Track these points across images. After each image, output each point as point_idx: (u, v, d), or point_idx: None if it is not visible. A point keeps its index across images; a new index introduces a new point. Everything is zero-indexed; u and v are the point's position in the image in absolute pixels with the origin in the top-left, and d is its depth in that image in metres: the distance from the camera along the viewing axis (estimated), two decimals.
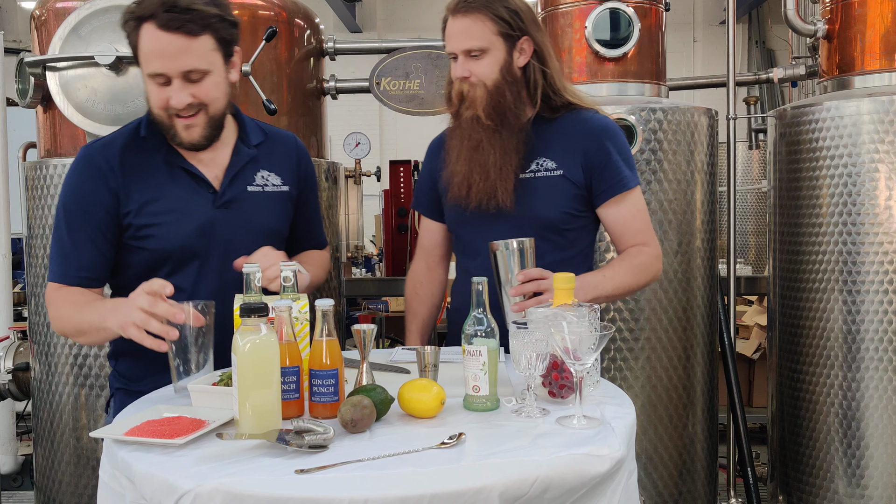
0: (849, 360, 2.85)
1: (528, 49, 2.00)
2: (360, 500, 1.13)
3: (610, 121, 2.10)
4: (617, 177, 2.03)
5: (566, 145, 2.03)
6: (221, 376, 1.60)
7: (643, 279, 2.04)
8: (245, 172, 1.91)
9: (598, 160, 2.02)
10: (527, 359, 1.46)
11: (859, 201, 2.80)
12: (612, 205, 2.04)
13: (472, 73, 1.98)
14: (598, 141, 2.03)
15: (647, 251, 2.04)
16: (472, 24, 1.96)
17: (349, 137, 6.61)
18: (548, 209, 2.02)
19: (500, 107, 1.98)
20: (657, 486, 3.04)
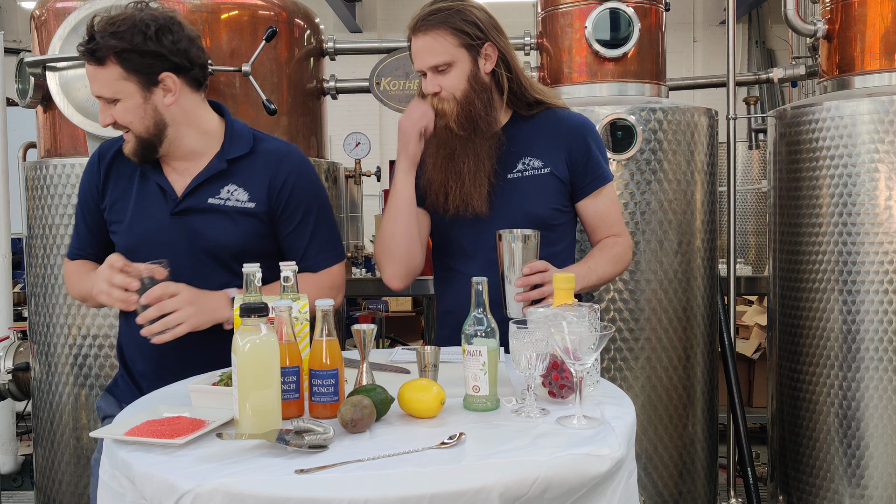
0: (848, 360, 2.85)
1: (493, 54, 2.06)
2: (360, 500, 1.13)
3: (585, 118, 2.18)
4: (598, 171, 2.13)
5: (550, 144, 2.11)
6: (221, 376, 1.61)
7: (620, 268, 2.15)
8: (211, 184, 1.96)
9: (580, 156, 2.11)
10: (527, 359, 1.46)
11: (859, 201, 2.80)
12: (592, 198, 2.13)
13: (442, 86, 2.03)
14: (580, 138, 2.11)
15: (622, 241, 2.16)
16: (433, 41, 2.02)
17: (349, 137, 6.61)
18: (537, 206, 2.08)
19: (470, 116, 2.03)
20: (657, 486, 3.04)
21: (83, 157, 2.79)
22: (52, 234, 2.84)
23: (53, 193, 2.83)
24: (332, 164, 3.18)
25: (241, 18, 2.80)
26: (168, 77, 1.88)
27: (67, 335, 2.83)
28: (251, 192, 1.96)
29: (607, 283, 2.23)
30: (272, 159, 2.01)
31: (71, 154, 2.85)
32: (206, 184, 1.95)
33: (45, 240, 2.86)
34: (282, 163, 2.01)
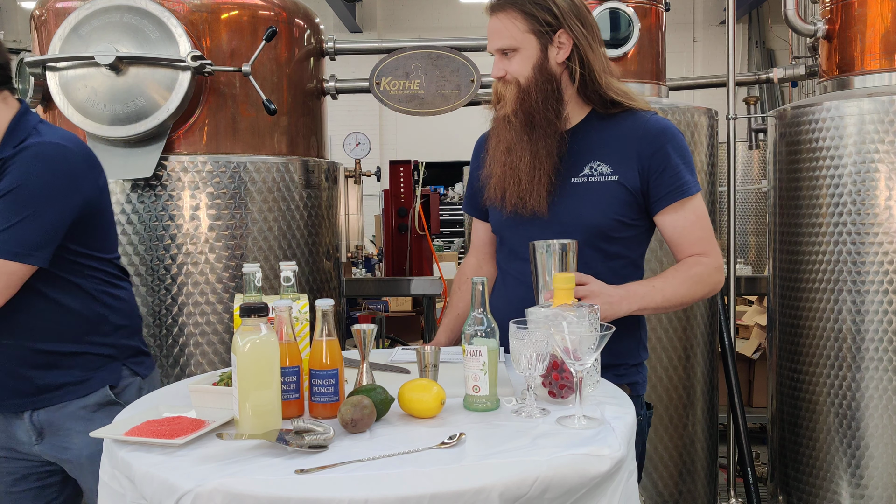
0: (849, 360, 2.85)
1: (567, 44, 1.92)
2: (360, 500, 1.13)
3: (669, 123, 1.99)
4: (677, 182, 1.92)
5: (622, 149, 1.94)
6: (221, 376, 1.61)
7: (699, 291, 1.92)
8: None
9: (656, 164, 1.92)
10: (527, 359, 1.46)
11: (859, 201, 2.81)
12: (670, 211, 1.93)
13: (507, 71, 1.94)
14: (657, 144, 1.93)
15: (706, 262, 1.93)
16: (501, 22, 1.92)
17: (349, 137, 6.62)
18: (599, 216, 1.93)
19: (526, 106, 1.92)
20: (657, 486, 3.04)
21: None
22: None
23: None
24: (332, 164, 3.18)
25: (241, 18, 2.80)
26: None
27: None
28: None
29: (685, 305, 1.99)
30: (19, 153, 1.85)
31: None
32: None
33: None
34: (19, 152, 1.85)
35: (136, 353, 2.05)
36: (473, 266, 2.25)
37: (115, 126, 2.61)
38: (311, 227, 2.97)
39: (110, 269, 2.00)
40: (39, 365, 1.89)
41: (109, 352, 1.99)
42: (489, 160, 2.01)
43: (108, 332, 1.98)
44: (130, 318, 2.04)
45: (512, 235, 2.03)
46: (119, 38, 2.60)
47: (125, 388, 1.98)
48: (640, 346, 2.03)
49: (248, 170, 2.77)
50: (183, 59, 2.59)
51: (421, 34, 9.72)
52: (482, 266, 2.24)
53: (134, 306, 2.07)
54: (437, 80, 3.17)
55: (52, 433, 1.93)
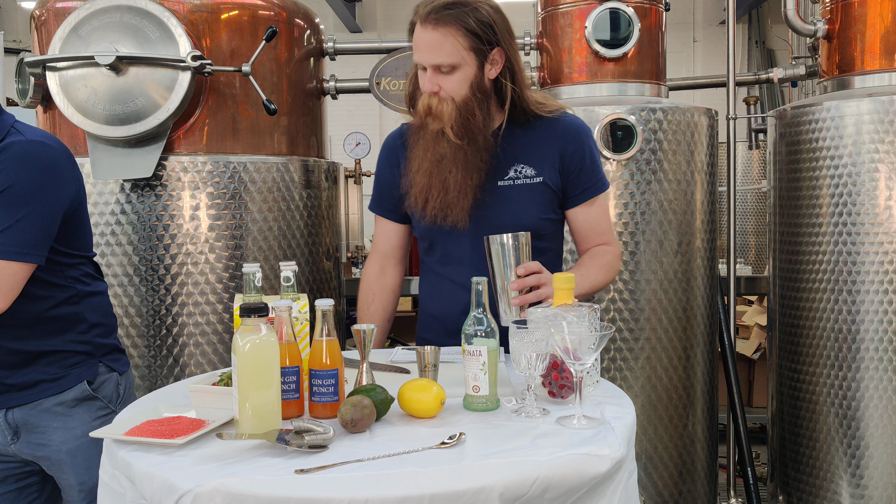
0: (849, 360, 2.85)
1: (500, 60, 1.93)
2: (360, 500, 1.13)
3: (582, 121, 2.07)
4: (593, 179, 2.04)
5: (543, 150, 2.00)
6: (221, 376, 1.61)
7: (611, 277, 2.06)
8: None
9: (575, 162, 2.01)
10: (527, 359, 1.46)
11: (859, 201, 2.81)
12: (584, 206, 2.04)
13: (442, 87, 1.91)
14: (577, 142, 2.01)
15: (612, 250, 2.07)
16: (442, 38, 1.87)
17: (349, 137, 6.61)
18: (526, 216, 1.99)
19: (468, 124, 1.91)
20: (657, 486, 3.04)
21: (83, 156, 2.78)
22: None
23: None
24: (332, 164, 3.18)
25: (241, 18, 2.80)
26: None
27: None
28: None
29: (598, 291, 2.14)
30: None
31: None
32: None
33: None
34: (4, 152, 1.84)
35: (112, 350, 2.04)
36: (376, 273, 2.22)
37: (115, 126, 2.61)
38: (311, 227, 2.97)
39: (87, 267, 2.00)
40: (14, 364, 1.88)
41: (86, 349, 1.98)
42: (413, 168, 2.00)
43: (84, 330, 1.97)
44: (106, 317, 2.03)
45: (445, 240, 2.04)
46: (119, 38, 2.60)
47: (103, 384, 1.97)
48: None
49: (248, 170, 2.77)
50: (183, 59, 2.59)
51: None
52: (385, 272, 2.22)
53: (109, 305, 2.06)
54: None
55: (29, 431, 1.91)
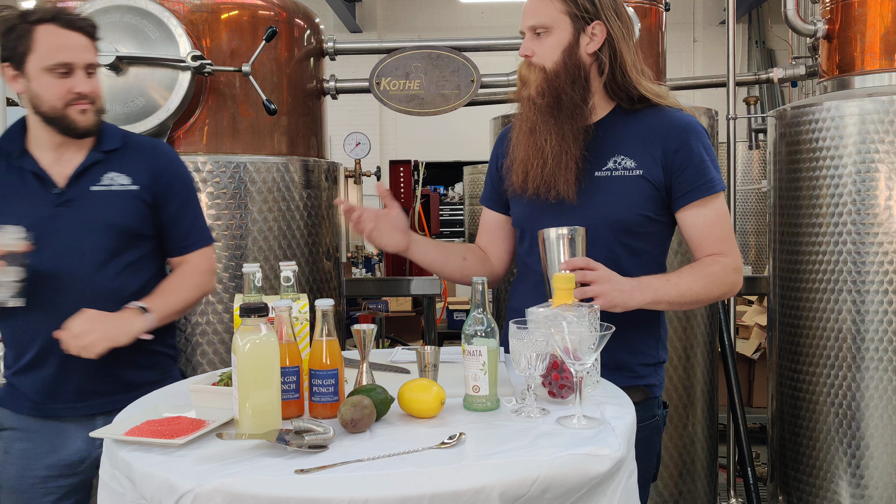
0: (849, 360, 2.85)
1: (601, 35, 1.88)
2: (360, 500, 1.13)
3: (695, 119, 1.95)
4: (703, 178, 1.89)
5: (647, 143, 1.90)
6: (221, 376, 1.61)
7: (715, 290, 1.87)
8: (92, 173, 2.00)
9: (681, 159, 1.89)
10: (527, 359, 1.46)
11: (859, 201, 2.80)
12: (693, 208, 1.89)
13: (534, 52, 1.89)
14: (683, 139, 1.89)
15: (724, 261, 1.88)
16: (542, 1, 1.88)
17: (349, 137, 6.62)
18: (623, 210, 1.89)
19: (553, 87, 1.87)
20: (657, 486, 3.04)
21: None
22: None
23: None
24: (332, 164, 3.18)
25: (241, 18, 2.80)
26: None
27: None
28: (133, 177, 2.03)
29: (700, 304, 1.93)
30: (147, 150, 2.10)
31: None
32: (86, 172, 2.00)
33: None
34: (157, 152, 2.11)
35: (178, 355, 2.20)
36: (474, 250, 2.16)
37: None
38: (311, 227, 2.97)
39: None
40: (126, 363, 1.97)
41: (173, 353, 2.15)
42: (513, 145, 1.95)
43: (173, 333, 2.17)
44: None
45: (533, 227, 1.93)
46: (119, 38, 2.60)
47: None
48: (658, 344, 1.98)
49: (248, 170, 2.77)
50: (183, 59, 2.59)
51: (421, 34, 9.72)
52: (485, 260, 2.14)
53: None
54: (437, 80, 3.17)
55: None
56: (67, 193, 1.98)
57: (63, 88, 1.91)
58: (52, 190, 1.97)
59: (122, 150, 2.05)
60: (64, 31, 1.91)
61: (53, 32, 1.90)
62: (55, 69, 1.90)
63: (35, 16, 1.90)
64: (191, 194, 2.14)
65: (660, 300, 1.79)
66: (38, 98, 1.94)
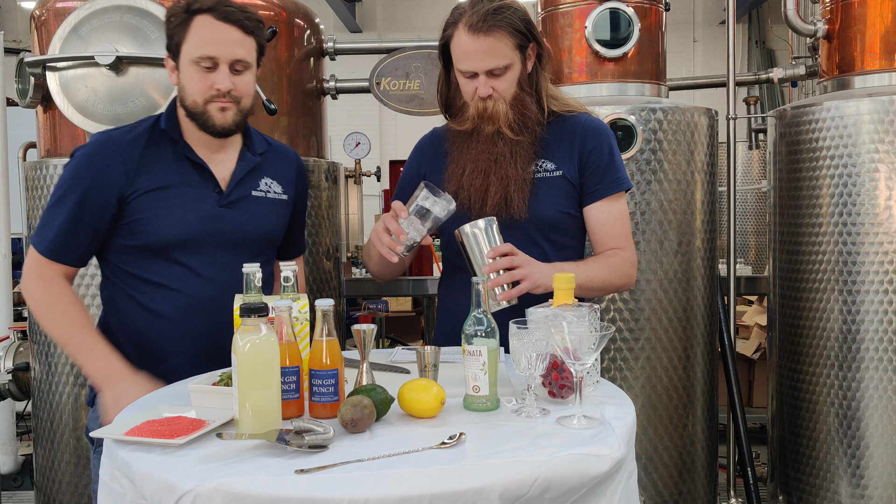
0: (849, 360, 2.85)
1: (533, 55, 2.01)
2: (360, 500, 1.13)
3: (602, 122, 2.11)
4: (614, 176, 2.04)
5: (563, 145, 2.05)
6: (221, 376, 1.61)
7: (617, 280, 2.03)
8: (250, 177, 2.00)
9: (596, 158, 2.03)
10: (527, 359, 1.46)
11: (859, 201, 2.81)
12: (601, 204, 2.05)
13: (496, 89, 1.96)
14: (598, 140, 2.04)
15: (623, 254, 2.05)
16: (495, 42, 1.92)
17: (349, 137, 6.62)
18: (548, 209, 2.03)
19: (523, 117, 1.99)
20: (657, 486, 3.04)
21: None
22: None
23: None
24: (332, 164, 3.18)
25: None
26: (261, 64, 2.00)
27: None
28: (283, 185, 2.06)
29: (603, 292, 2.10)
30: (290, 157, 2.13)
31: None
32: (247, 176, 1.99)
33: None
34: (298, 161, 2.15)
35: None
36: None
37: (115, 126, 2.61)
38: (312, 227, 2.97)
39: None
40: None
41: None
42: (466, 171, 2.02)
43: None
44: None
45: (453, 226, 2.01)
46: (119, 38, 2.60)
47: None
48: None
49: None
50: None
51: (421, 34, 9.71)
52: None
53: None
54: (436, 80, 3.17)
55: None
56: (232, 195, 1.95)
57: (205, 83, 1.85)
58: (215, 188, 1.94)
59: (270, 154, 2.06)
60: (218, 24, 1.83)
61: (208, 24, 1.83)
62: (200, 62, 1.84)
63: (195, 5, 1.84)
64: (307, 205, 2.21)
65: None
66: (184, 91, 1.89)
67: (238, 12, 1.86)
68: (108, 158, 1.89)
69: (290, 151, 2.15)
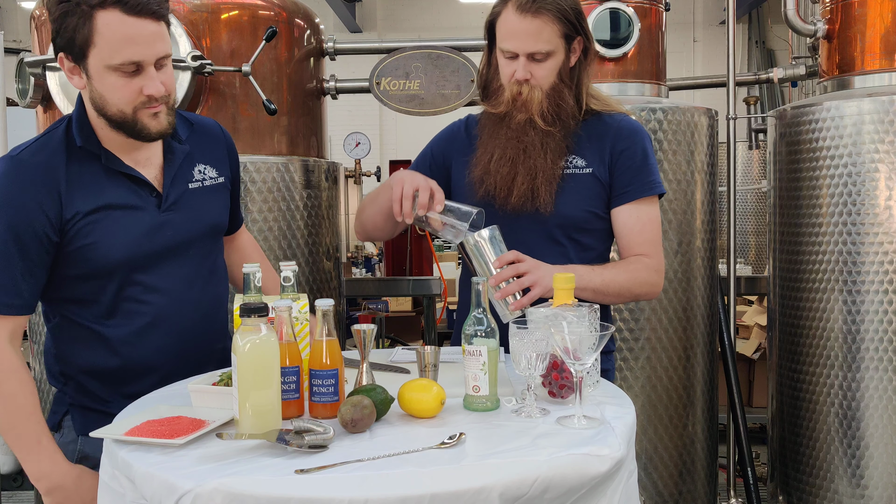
0: (849, 360, 2.85)
1: (579, 49, 1.95)
2: (360, 500, 1.13)
3: (639, 124, 2.04)
4: (645, 179, 1.97)
5: (596, 143, 1.98)
6: (221, 376, 1.61)
7: (637, 287, 1.95)
8: (183, 170, 1.81)
9: (627, 158, 1.97)
10: (527, 359, 1.46)
11: (859, 201, 2.80)
12: (630, 207, 1.97)
13: (533, 75, 1.91)
14: (631, 140, 1.98)
15: (647, 262, 1.97)
16: (541, 25, 1.87)
17: (349, 137, 6.62)
18: (574, 207, 1.96)
19: (558, 109, 1.93)
20: (657, 486, 3.04)
21: None
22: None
23: None
24: (332, 164, 3.18)
25: (241, 18, 2.80)
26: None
27: None
28: (217, 168, 1.89)
29: (622, 299, 2.00)
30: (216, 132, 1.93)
31: None
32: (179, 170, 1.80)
33: None
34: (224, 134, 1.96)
35: None
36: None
37: None
38: (311, 227, 2.97)
39: None
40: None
41: None
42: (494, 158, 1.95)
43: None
44: None
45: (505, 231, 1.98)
46: None
47: None
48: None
49: (249, 170, 2.77)
50: (183, 59, 2.59)
51: (421, 34, 9.72)
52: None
53: None
54: (437, 80, 3.17)
55: None
56: (170, 197, 1.77)
57: (131, 90, 1.62)
58: (152, 193, 1.75)
59: (194, 136, 1.86)
60: (131, 20, 1.57)
61: (119, 21, 1.57)
62: (121, 68, 1.60)
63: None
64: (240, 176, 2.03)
65: (585, 287, 1.86)
66: (103, 100, 1.64)
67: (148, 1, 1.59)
68: (26, 185, 1.65)
69: (212, 125, 1.94)
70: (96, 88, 1.64)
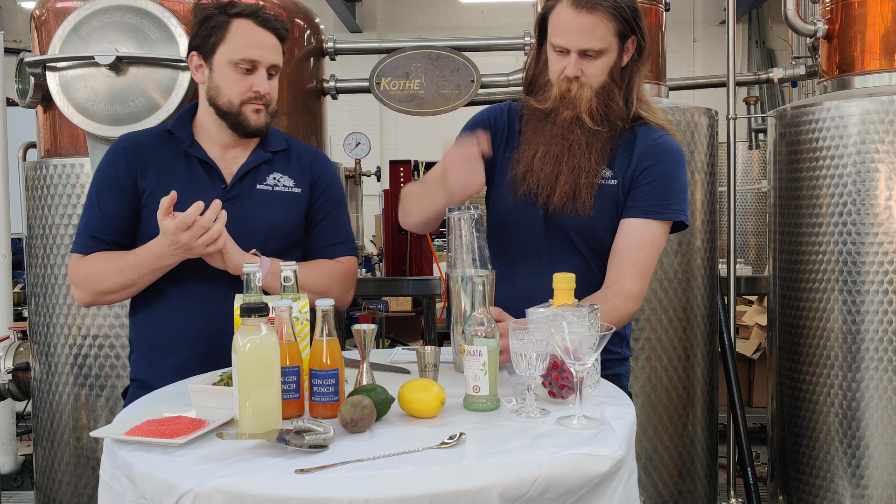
0: (849, 360, 2.85)
1: (632, 49, 1.90)
2: (360, 500, 1.13)
3: (681, 148, 1.96)
4: (662, 200, 1.90)
5: (626, 156, 1.93)
6: (221, 376, 1.61)
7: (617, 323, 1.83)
8: (258, 172, 2.02)
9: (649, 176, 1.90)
10: (527, 359, 1.46)
11: (859, 201, 2.80)
12: (635, 222, 1.89)
13: (584, 72, 1.86)
14: (658, 159, 1.91)
15: (628, 291, 1.85)
16: (596, 22, 1.82)
17: (349, 137, 6.61)
18: (596, 219, 1.91)
19: (607, 109, 1.88)
20: (657, 486, 3.04)
21: (83, 157, 2.78)
22: (52, 234, 2.84)
23: (53, 193, 2.83)
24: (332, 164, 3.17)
25: None
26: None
27: (67, 335, 2.83)
28: (295, 179, 2.06)
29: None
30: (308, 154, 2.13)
31: (71, 154, 2.85)
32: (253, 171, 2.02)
33: (45, 240, 2.86)
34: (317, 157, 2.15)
35: None
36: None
37: (115, 126, 2.61)
38: None
39: None
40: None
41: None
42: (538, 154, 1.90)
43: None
44: None
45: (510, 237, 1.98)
46: (119, 38, 2.60)
47: None
48: (623, 342, 2.05)
49: None
50: (183, 59, 2.59)
51: (421, 34, 9.73)
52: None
53: None
54: (437, 80, 3.17)
55: None
56: (234, 190, 1.98)
57: (244, 85, 1.93)
58: (220, 185, 1.98)
59: (287, 153, 2.08)
60: (258, 29, 1.93)
61: (248, 28, 1.92)
62: (240, 64, 1.92)
63: (234, 9, 1.93)
64: (341, 203, 2.14)
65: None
66: (218, 91, 1.94)
67: (275, 20, 1.96)
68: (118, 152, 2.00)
69: (310, 150, 2.15)
70: (214, 80, 1.94)
